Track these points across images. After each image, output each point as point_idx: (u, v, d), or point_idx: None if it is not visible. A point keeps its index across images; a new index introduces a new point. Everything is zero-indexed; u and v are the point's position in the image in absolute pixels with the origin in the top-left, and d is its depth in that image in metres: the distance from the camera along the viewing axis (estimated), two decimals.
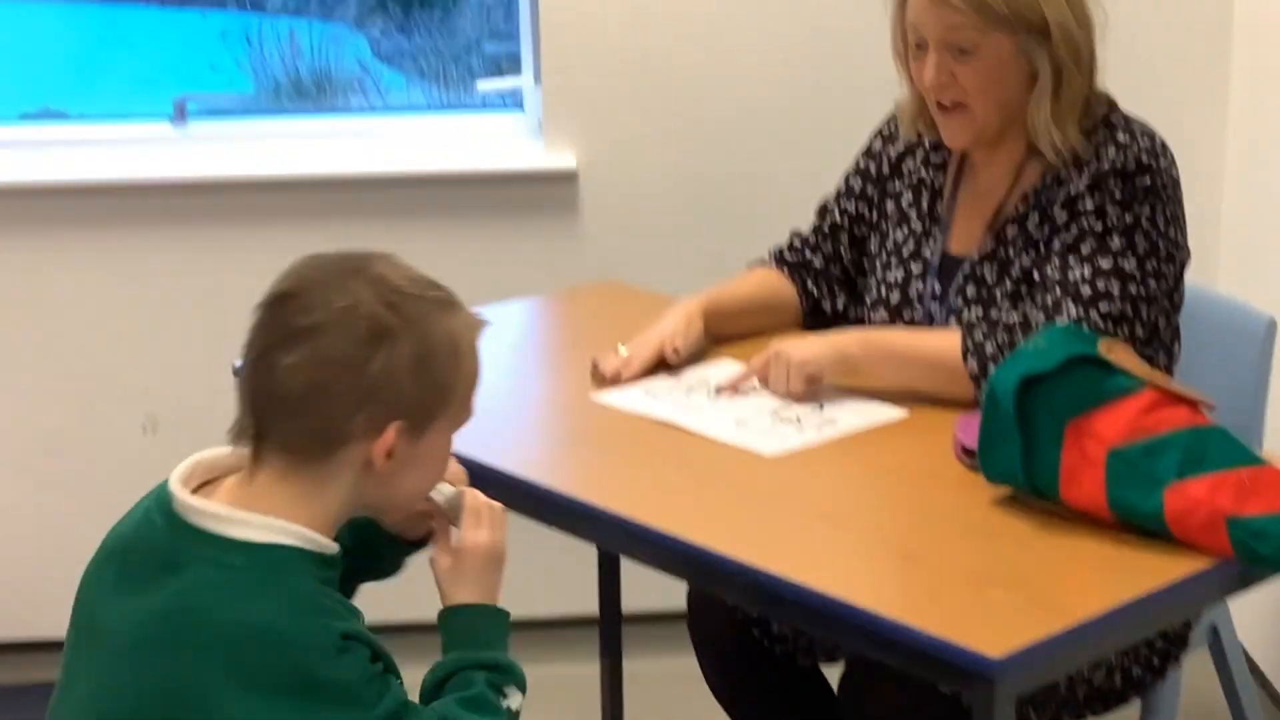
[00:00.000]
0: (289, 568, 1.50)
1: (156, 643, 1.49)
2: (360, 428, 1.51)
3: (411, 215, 3.48)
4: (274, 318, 1.52)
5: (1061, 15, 2.25)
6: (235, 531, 1.51)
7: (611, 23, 3.42)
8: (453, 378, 1.56)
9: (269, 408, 1.52)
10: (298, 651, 1.46)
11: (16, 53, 4.48)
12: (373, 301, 1.50)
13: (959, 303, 2.36)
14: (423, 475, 1.61)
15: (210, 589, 1.48)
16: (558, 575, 3.48)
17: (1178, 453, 1.84)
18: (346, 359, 1.49)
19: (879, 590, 1.76)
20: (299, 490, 1.53)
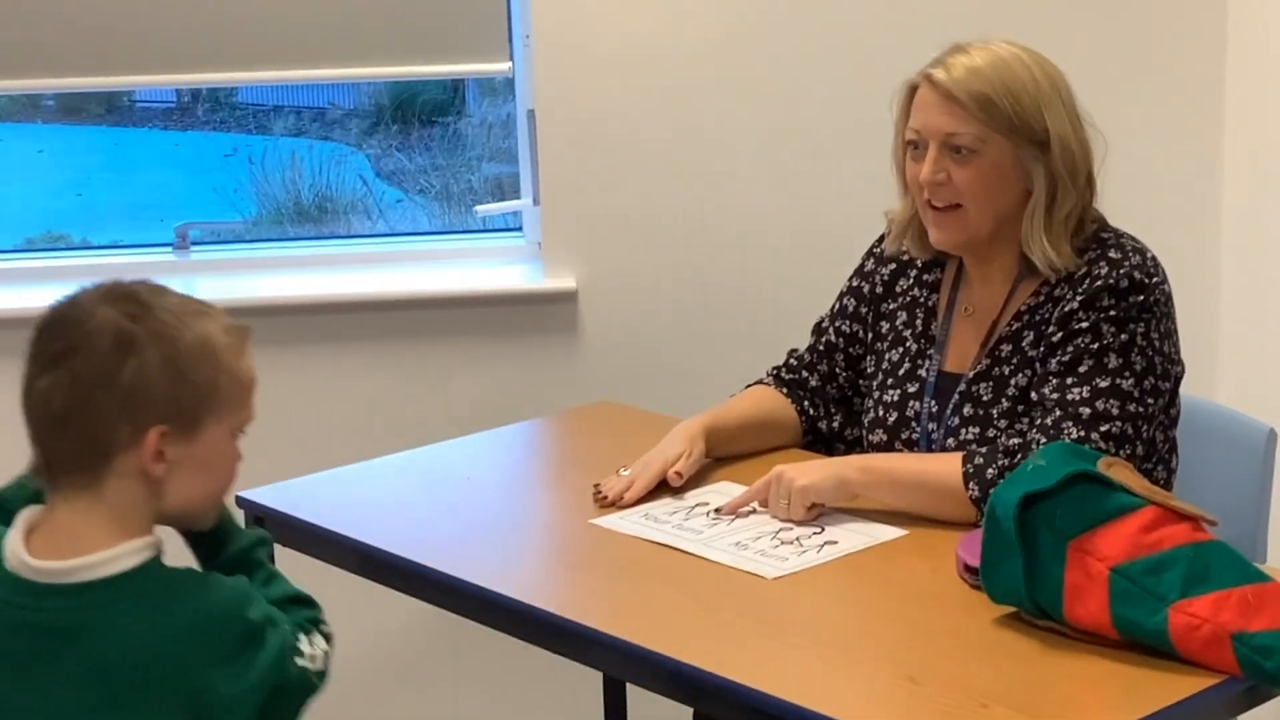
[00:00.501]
0: (167, 576, 1.63)
1: (110, 694, 1.58)
2: (126, 436, 1.59)
3: (413, 337, 3.50)
4: (34, 350, 1.63)
5: (1063, 130, 2.29)
6: (100, 572, 1.60)
7: (610, 145, 3.45)
8: (211, 378, 1.63)
9: (43, 433, 1.61)
10: (224, 623, 1.61)
11: (20, 175, 4.53)
12: (117, 318, 1.60)
13: (956, 421, 2.36)
14: (210, 478, 1.68)
15: (124, 631, 1.59)
16: (563, 698, 3.46)
17: (1180, 570, 1.83)
18: (98, 373, 1.58)
19: (884, 712, 1.76)
20: (108, 511, 1.62)
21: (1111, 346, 2.24)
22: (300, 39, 3.44)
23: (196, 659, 1.60)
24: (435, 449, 2.68)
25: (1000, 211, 2.32)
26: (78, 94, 4.54)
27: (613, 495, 2.35)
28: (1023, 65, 2.30)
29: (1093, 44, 3.39)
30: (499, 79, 3.80)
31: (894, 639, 1.95)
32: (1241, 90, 3.45)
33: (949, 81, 2.29)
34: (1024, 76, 2.29)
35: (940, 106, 2.30)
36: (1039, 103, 2.28)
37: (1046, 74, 2.31)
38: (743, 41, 3.45)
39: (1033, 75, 2.29)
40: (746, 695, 1.80)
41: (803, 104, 3.46)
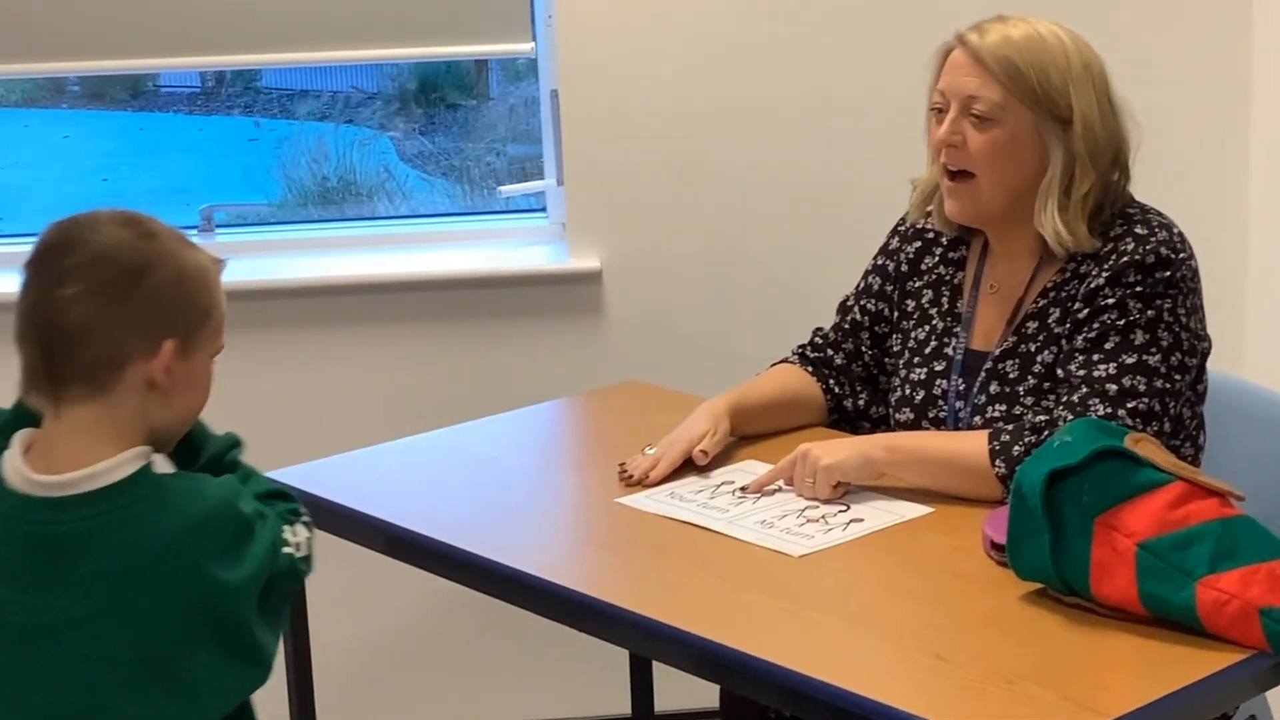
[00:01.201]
0: (159, 482, 1.71)
1: (116, 600, 1.66)
2: (138, 348, 1.69)
3: (437, 318, 3.50)
4: (45, 266, 1.69)
5: (1089, 111, 2.28)
6: (106, 480, 1.68)
7: (633, 125, 3.45)
8: (208, 302, 1.75)
9: (56, 344, 1.68)
10: (220, 516, 1.70)
11: (46, 161, 4.55)
12: (131, 238, 1.69)
13: (983, 399, 2.36)
14: (194, 396, 1.77)
15: (125, 532, 1.67)
16: (590, 676, 3.47)
17: (1208, 545, 1.83)
18: (116, 287, 1.67)
19: (911, 689, 1.76)
20: (110, 422, 1.70)
21: (1138, 323, 2.23)
22: (323, 20, 3.44)
23: (198, 554, 1.67)
24: (460, 429, 2.68)
25: (1013, 184, 2.31)
26: (103, 79, 4.56)
27: (638, 474, 2.35)
28: (1059, 42, 2.30)
29: (1121, 15, 3.37)
30: (522, 61, 3.81)
31: (920, 616, 1.95)
32: (1270, 63, 3.43)
33: (980, 45, 2.29)
34: (1057, 52, 2.29)
35: (968, 69, 2.30)
36: (1068, 80, 2.28)
37: (1082, 55, 2.30)
38: (767, 20, 3.44)
39: (1066, 53, 2.29)
40: (773, 672, 1.80)
41: (829, 82, 3.46)
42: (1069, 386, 2.25)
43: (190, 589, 1.68)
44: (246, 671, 1.74)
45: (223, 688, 1.73)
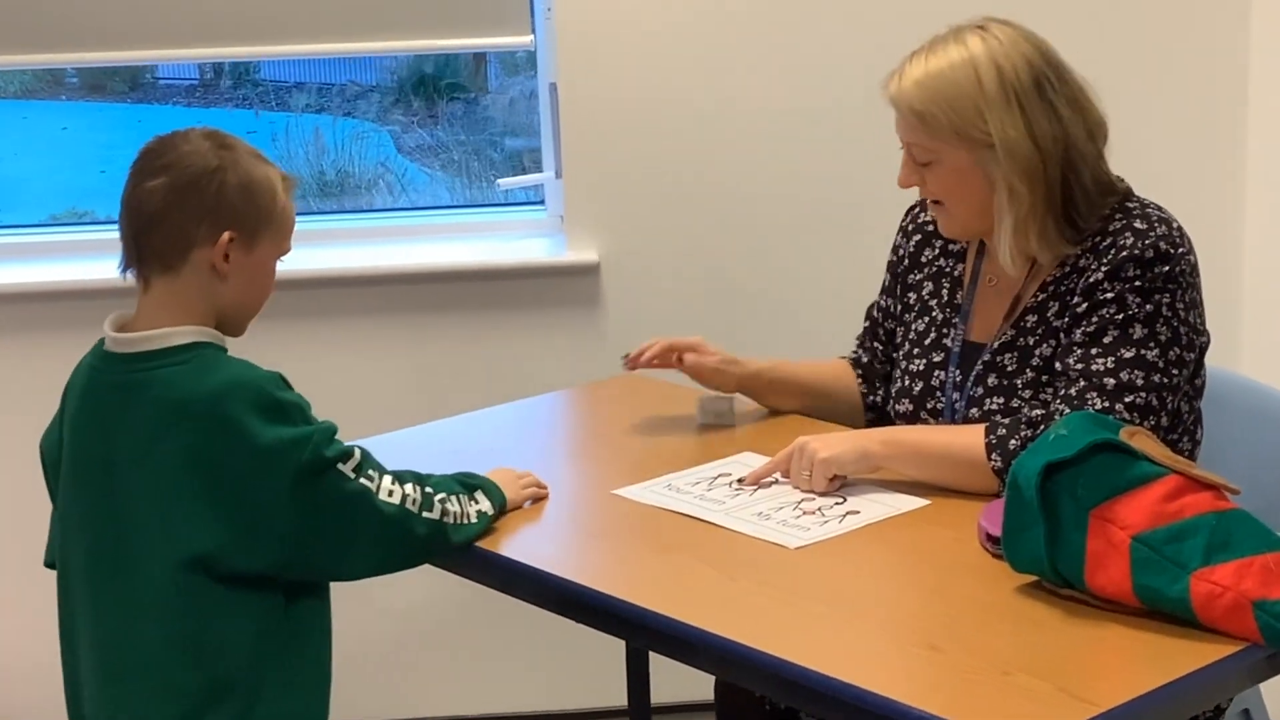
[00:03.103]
0: (218, 353, 2.01)
1: (159, 434, 1.94)
2: (204, 235, 1.99)
3: (435, 310, 3.51)
4: (139, 164, 2.02)
5: (1011, 134, 2.25)
6: (165, 342, 1.98)
7: (631, 118, 3.46)
8: (271, 207, 2.03)
9: (138, 226, 2.01)
10: (259, 389, 1.94)
11: (44, 152, 4.54)
12: (210, 148, 2.01)
13: (980, 391, 2.37)
14: (256, 286, 2.06)
15: (175, 382, 1.95)
16: (586, 668, 3.48)
17: (1202, 538, 1.83)
18: (191, 183, 1.98)
19: (906, 680, 1.76)
20: (178, 297, 2.00)
21: (1136, 317, 2.24)
22: (322, 13, 3.45)
23: (226, 407, 1.92)
24: (457, 421, 2.69)
25: (980, 208, 2.32)
26: (101, 71, 4.55)
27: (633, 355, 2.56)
28: (969, 70, 2.26)
29: (1118, 13, 3.38)
30: (521, 54, 3.81)
31: (916, 607, 1.96)
32: (1267, 58, 3.44)
33: (895, 95, 2.31)
34: (965, 83, 2.25)
35: (897, 117, 2.33)
36: (980, 109, 2.25)
37: (1000, 75, 2.25)
38: (765, 13, 3.44)
39: (977, 79, 2.25)
40: (769, 663, 1.81)
41: (826, 77, 3.46)
42: (1066, 380, 2.25)
43: (211, 438, 1.92)
44: (246, 537, 1.94)
45: (214, 538, 1.95)
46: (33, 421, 3.51)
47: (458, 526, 2.09)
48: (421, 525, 2.04)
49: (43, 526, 2.16)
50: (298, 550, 1.97)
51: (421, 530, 2.04)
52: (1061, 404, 2.23)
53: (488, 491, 2.18)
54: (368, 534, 2.00)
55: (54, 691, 2.15)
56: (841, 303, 3.43)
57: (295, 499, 1.94)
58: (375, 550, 2.03)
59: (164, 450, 1.95)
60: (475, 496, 2.15)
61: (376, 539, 2.01)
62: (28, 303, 3.48)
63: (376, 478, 2.01)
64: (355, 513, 1.99)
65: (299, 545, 1.96)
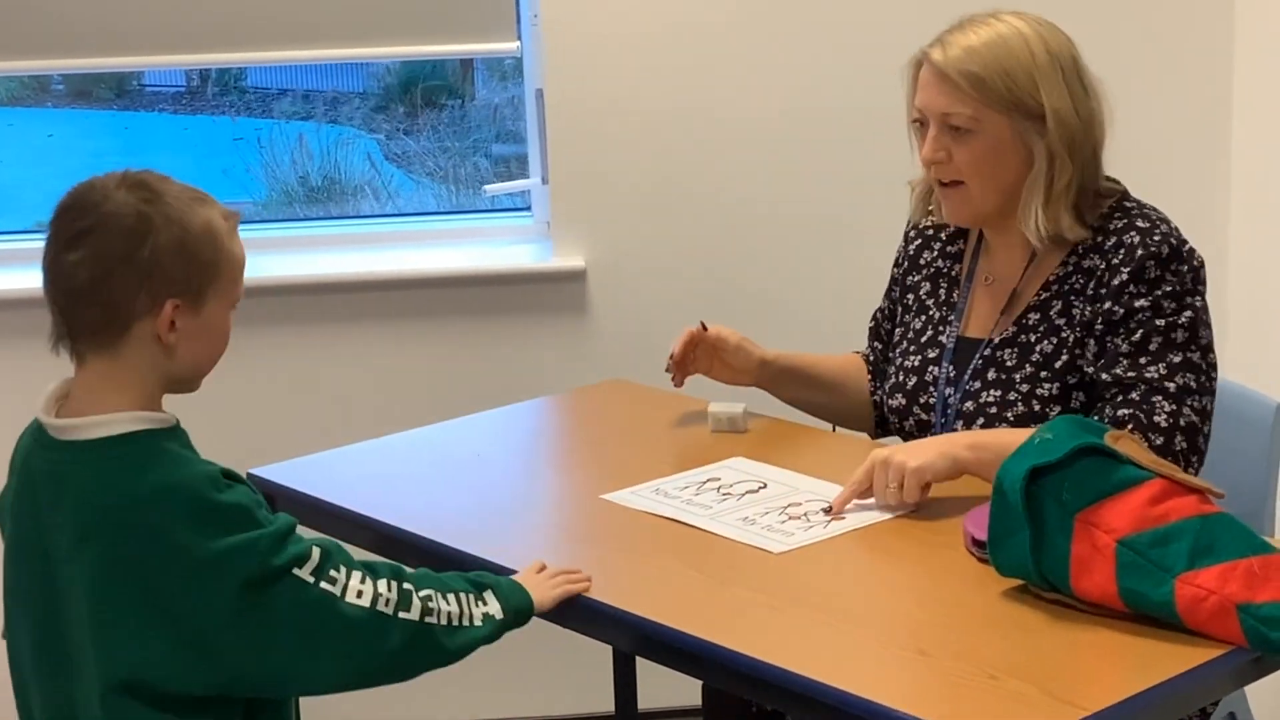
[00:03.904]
0: (152, 445, 1.79)
1: (84, 540, 1.75)
2: (143, 306, 1.77)
3: (422, 316, 3.51)
4: (56, 229, 1.81)
5: (1061, 105, 2.30)
6: (97, 432, 1.78)
7: (618, 124, 3.46)
8: (215, 258, 1.81)
9: (67, 303, 1.80)
10: (192, 493, 1.74)
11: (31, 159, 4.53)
12: (135, 202, 1.77)
13: (975, 386, 2.38)
14: (209, 345, 1.86)
15: (103, 482, 1.76)
16: (573, 674, 3.48)
17: (1187, 542, 1.84)
18: (119, 250, 1.76)
19: (893, 685, 1.77)
20: (117, 375, 1.80)
21: (1177, 323, 2.27)
22: (308, 19, 3.45)
23: (154, 516, 1.73)
24: (445, 427, 2.69)
25: (1005, 186, 2.35)
26: (87, 78, 4.54)
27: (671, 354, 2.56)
28: (1021, 40, 2.31)
29: (1102, 16, 3.39)
30: (507, 61, 3.81)
31: (902, 612, 1.96)
32: (1250, 64, 3.45)
33: (944, 61, 2.31)
34: (1020, 52, 2.30)
35: (937, 86, 2.32)
36: (1034, 77, 2.29)
37: (1047, 48, 2.31)
38: (752, 20, 3.45)
39: (1029, 50, 2.30)
40: (756, 668, 1.81)
41: (813, 84, 3.47)
42: (1120, 388, 2.26)
43: (141, 549, 1.74)
44: (188, 656, 1.75)
45: (160, 659, 1.76)
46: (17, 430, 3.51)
47: (452, 629, 1.86)
48: (397, 629, 1.81)
49: None
50: (249, 669, 1.76)
51: (397, 634, 1.81)
52: (1128, 410, 2.24)
53: (501, 592, 1.94)
54: (331, 644, 1.78)
55: None
56: (829, 306, 3.44)
57: (241, 614, 1.73)
58: (341, 662, 1.80)
59: (91, 556, 1.75)
60: (484, 597, 1.92)
61: (342, 649, 1.79)
62: (14, 310, 3.48)
63: (341, 578, 1.79)
64: (315, 622, 1.76)
65: (249, 664, 1.76)
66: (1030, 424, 2.24)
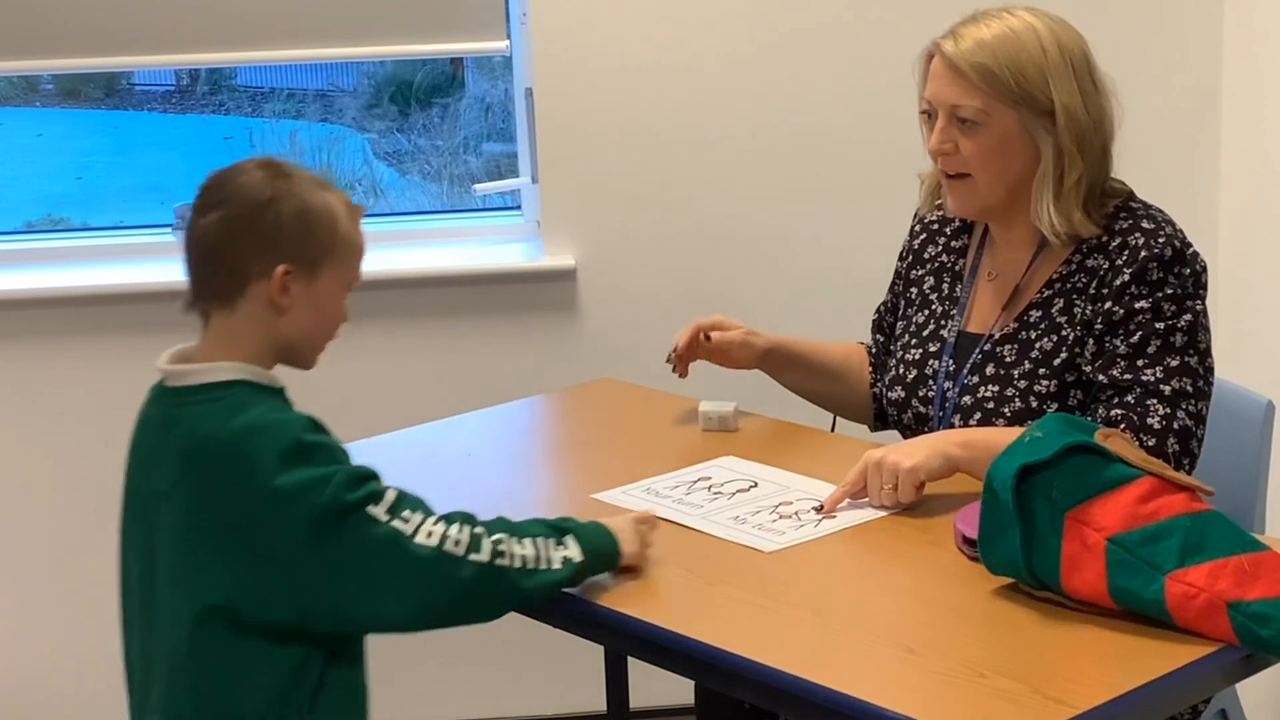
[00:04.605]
0: (252, 393, 1.94)
1: (182, 474, 1.89)
2: (259, 269, 1.93)
3: (412, 315, 3.51)
4: (197, 200, 1.98)
5: (1071, 101, 2.30)
6: (206, 377, 1.93)
7: (608, 123, 3.46)
8: (331, 235, 1.97)
9: (196, 262, 1.96)
10: (283, 431, 1.88)
11: (20, 159, 4.53)
12: (264, 179, 1.95)
13: (974, 380, 2.39)
14: (319, 318, 2.00)
15: (203, 420, 1.90)
16: (565, 673, 3.48)
17: (1177, 539, 1.84)
18: (245, 216, 1.93)
19: (883, 683, 1.77)
20: (232, 333, 1.95)
21: (1177, 326, 2.27)
22: (298, 18, 3.44)
23: (242, 447, 1.86)
24: (435, 426, 2.69)
25: (1011, 180, 2.35)
26: (77, 78, 4.55)
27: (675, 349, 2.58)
28: (1033, 35, 2.32)
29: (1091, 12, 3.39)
30: (497, 59, 3.81)
31: (892, 610, 1.96)
32: (1238, 62, 3.45)
33: (955, 53, 2.31)
34: (1031, 47, 2.31)
35: (947, 78, 2.33)
36: (1045, 73, 2.30)
37: (1059, 44, 2.32)
38: (740, 17, 3.45)
39: (1041, 46, 2.31)
40: (747, 667, 1.81)
41: (804, 81, 3.47)
42: (1117, 389, 2.27)
43: (230, 479, 1.86)
44: (267, 585, 1.86)
45: (244, 585, 1.87)
46: (9, 425, 3.51)
47: (527, 572, 1.92)
48: (466, 569, 1.87)
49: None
50: (320, 598, 1.86)
51: (465, 574, 1.87)
52: (1120, 411, 2.25)
53: (581, 536, 1.99)
54: (399, 579, 1.86)
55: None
56: (821, 305, 3.44)
57: (313, 544, 1.84)
58: (409, 598, 1.87)
59: (184, 490, 1.89)
60: (564, 541, 1.97)
61: (409, 585, 1.87)
62: (3, 310, 3.47)
63: (414, 519, 1.88)
64: (384, 557, 1.85)
65: (321, 593, 1.85)
66: (1026, 421, 2.24)
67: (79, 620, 3.54)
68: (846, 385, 2.66)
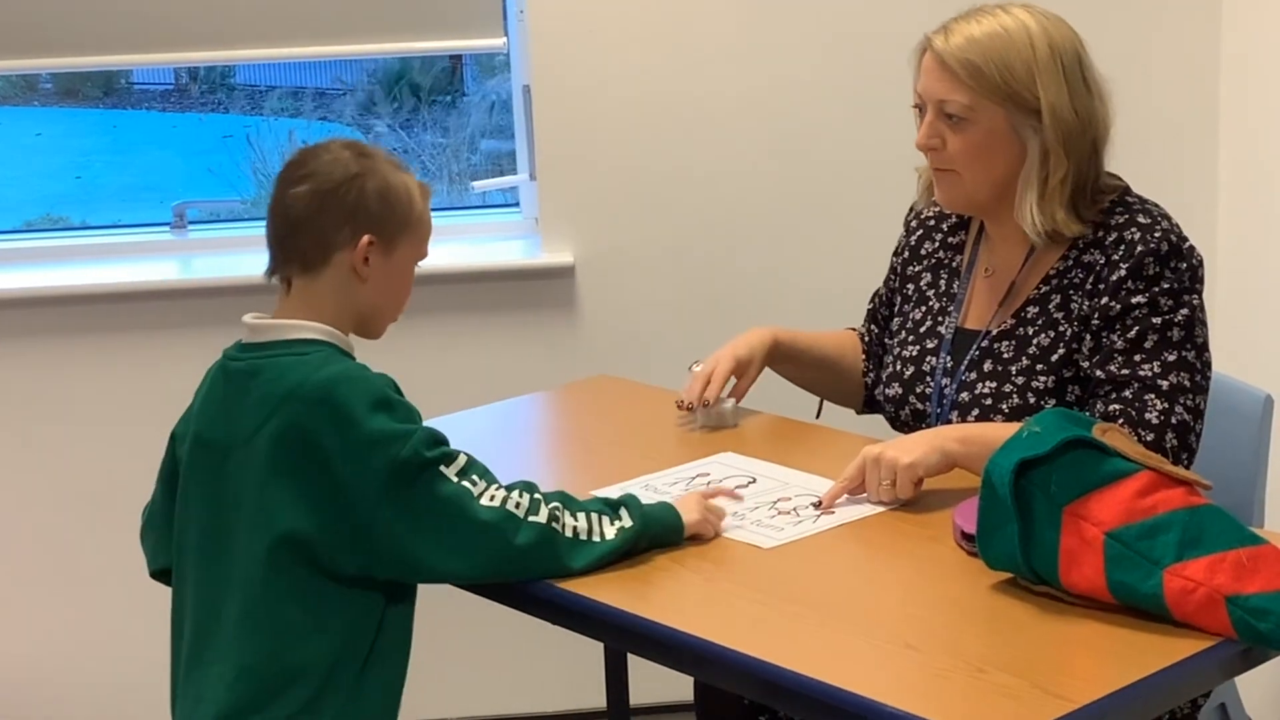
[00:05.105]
0: (335, 352, 2.06)
1: (269, 416, 1.99)
2: (345, 238, 2.06)
3: (411, 312, 3.47)
4: (284, 174, 2.10)
5: (1058, 100, 2.30)
6: (291, 334, 2.05)
7: (606, 120, 3.46)
8: (408, 212, 2.11)
9: (284, 231, 2.08)
10: (371, 385, 1.99)
11: (19, 158, 4.53)
12: (350, 157, 2.08)
13: (971, 377, 2.39)
14: (394, 289, 2.14)
15: (292, 368, 2.01)
16: (565, 669, 3.48)
17: (1175, 534, 1.84)
18: (332, 189, 2.06)
19: (882, 679, 1.77)
20: (315, 298, 2.07)
21: (1173, 321, 2.27)
22: (297, 16, 3.45)
23: (334, 392, 1.97)
24: (434, 424, 2.68)
25: (997, 177, 2.35)
26: (75, 77, 4.55)
27: (692, 398, 2.51)
28: (1024, 33, 2.32)
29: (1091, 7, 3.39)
30: (497, 57, 3.81)
31: (891, 606, 1.96)
32: (1236, 61, 3.45)
33: (944, 49, 2.32)
34: (1021, 45, 2.31)
35: (936, 73, 2.34)
36: (1033, 72, 2.30)
37: (1049, 42, 2.32)
38: (739, 14, 3.45)
39: (1031, 44, 2.31)
40: (746, 663, 1.81)
41: (803, 78, 3.47)
42: (1114, 385, 2.27)
43: (317, 420, 1.96)
44: (341, 526, 1.96)
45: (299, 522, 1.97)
46: (8, 424, 3.51)
47: (578, 542, 2.02)
48: (525, 530, 1.99)
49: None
50: (387, 544, 1.97)
51: (524, 536, 1.99)
52: (1119, 406, 2.25)
53: (635, 508, 2.08)
54: (463, 535, 1.98)
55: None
56: (820, 301, 3.44)
57: (388, 493, 1.95)
58: (470, 554, 1.99)
59: (269, 431, 1.98)
60: (618, 514, 2.07)
61: (471, 542, 1.98)
62: (1, 309, 3.47)
63: (480, 483, 2.00)
64: (450, 513, 1.97)
65: (388, 539, 1.96)
66: (1024, 417, 2.24)
67: (79, 618, 3.55)
68: (840, 373, 2.67)
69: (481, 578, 2.03)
